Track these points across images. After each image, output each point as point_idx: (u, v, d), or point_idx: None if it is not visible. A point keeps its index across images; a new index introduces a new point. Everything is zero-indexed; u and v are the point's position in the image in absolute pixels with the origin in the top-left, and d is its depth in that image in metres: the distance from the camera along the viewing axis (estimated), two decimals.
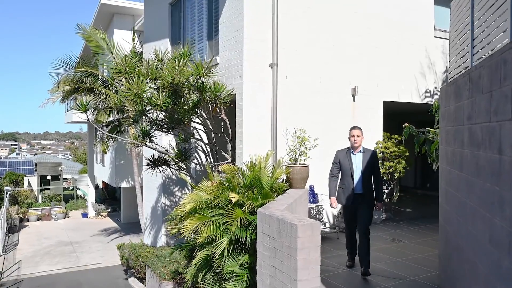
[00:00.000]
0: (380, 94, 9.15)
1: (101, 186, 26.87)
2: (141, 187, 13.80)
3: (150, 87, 7.49)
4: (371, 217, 5.50)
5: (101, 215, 22.96)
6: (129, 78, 7.25)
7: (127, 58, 7.48)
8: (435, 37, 10.13)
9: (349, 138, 5.59)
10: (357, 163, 5.47)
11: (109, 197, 26.03)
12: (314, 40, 8.32)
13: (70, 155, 65.19)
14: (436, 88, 10.27)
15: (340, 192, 5.60)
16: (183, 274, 5.80)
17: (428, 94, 10.12)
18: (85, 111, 7.45)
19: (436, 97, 10.18)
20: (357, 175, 5.45)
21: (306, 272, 3.50)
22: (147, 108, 7.74)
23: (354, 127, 5.59)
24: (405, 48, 9.55)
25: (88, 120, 7.54)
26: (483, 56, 4.00)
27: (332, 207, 5.65)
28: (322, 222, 7.71)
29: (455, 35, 4.97)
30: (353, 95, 8.75)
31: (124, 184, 18.67)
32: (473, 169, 3.42)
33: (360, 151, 5.52)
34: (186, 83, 7.18)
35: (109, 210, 23.80)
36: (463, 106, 3.87)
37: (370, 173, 5.47)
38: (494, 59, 2.91)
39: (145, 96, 7.14)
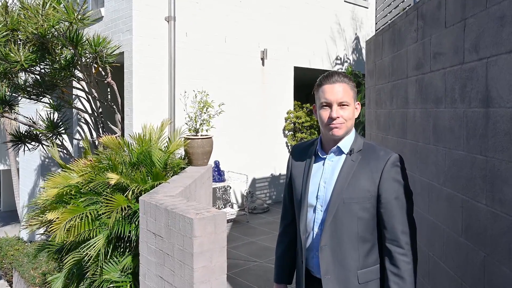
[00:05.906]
0: (291, 59, 8.34)
1: None
2: (18, 169, 11.66)
3: (12, 41, 5.72)
4: None
5: None
6: None
7: None
8: (345, 1, 9.63)
9: (315, 111, 1.69)
10: (328, 181, 1.63)
11: None
12: None
13: None
14: (346, 55, 9.82)
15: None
16: (50, 284, 4.41)
17: (339, 61, 9.64)
18: None
19: (346, 64, 9.75)
20: (321, 219, 1.63)
21: (206, 286, 2.43)
22: (9, 69, 5.96)
23: (330, 76, 1.59)
24: (315, 12, 8.83)
25: None
26: None
27: None
28: (230, 204, 6.72)
29: None
30: (262, 59, 7.78)
31: (1, 167, 15.89)
32: (427, 133, 2.60)
33: (341, 151, 1.64)
34: (56, 34, 5.55)
35: None
36: (406, 54, 3.03)
37: (368, 220, 1.58)
38: None
39: None
